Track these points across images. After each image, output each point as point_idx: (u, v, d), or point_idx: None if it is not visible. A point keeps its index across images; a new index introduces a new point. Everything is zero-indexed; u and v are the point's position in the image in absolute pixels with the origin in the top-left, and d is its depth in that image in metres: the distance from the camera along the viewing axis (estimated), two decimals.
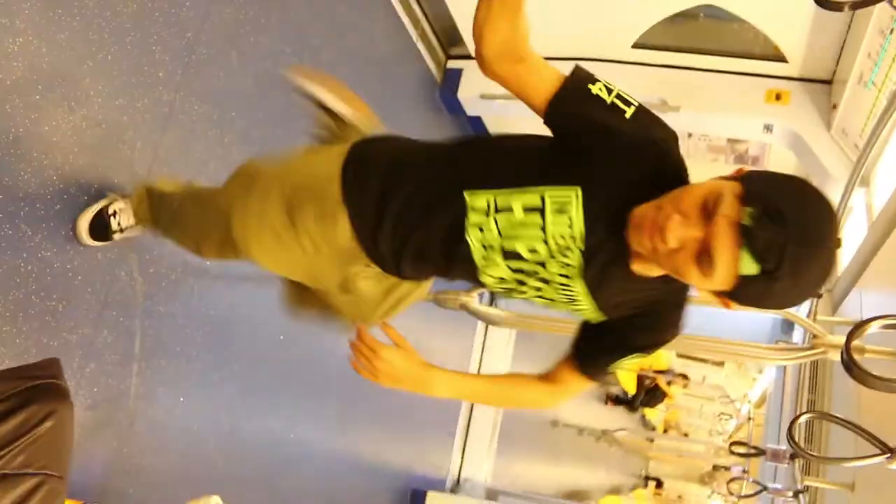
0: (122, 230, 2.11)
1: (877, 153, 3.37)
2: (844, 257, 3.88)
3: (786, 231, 1.01)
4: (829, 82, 3.80)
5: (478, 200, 1.29)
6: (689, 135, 4.54)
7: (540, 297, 1.38)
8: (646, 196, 1.17)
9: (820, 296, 3.41)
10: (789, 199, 1.04)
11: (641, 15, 3.95)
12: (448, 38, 4.57)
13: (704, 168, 4.73)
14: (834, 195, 3.72)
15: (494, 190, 1.28)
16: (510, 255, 1.30)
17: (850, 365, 0.97)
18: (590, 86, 1.24)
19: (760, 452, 3.56)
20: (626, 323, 1.35)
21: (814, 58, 3.72)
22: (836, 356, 2.51)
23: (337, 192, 1.43)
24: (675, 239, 1.09)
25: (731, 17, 3.71)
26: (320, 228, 1.46)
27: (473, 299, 3.13)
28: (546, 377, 1.50)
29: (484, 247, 1.31)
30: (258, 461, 3.05)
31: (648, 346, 1.38)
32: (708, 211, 1.08)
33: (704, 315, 5.17)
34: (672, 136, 1.27)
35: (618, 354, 1.39)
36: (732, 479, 6.47)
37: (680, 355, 12.51)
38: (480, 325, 5.65)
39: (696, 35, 4.10)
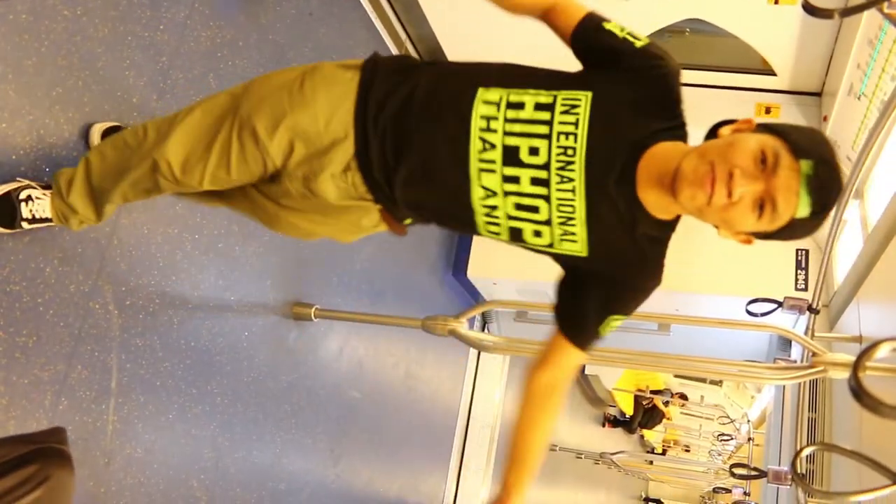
0: (32, 220, 1.85)
1: (870, 165, 3.33)
2: (840, 271, 3.82)
3: (834, 178, 1.20)
4: (818, 94, 3.77)
5: (491, 94, 1.37)
6: None
7: (531, 221, 1.39)
8: (647, 114, 1.34)
9: (817, 311, 3.35)
10: (826, 150, 1.22)
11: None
12: (432, 59, 4.53)
13: None
14: None
15: (510, 88, 1.37)
16: (510, 155, 1.34)
17: (859, 393, 0.89)
18: (604, 23, 1.41)
19: (762, 474, 3.46)
20: (606, 280, 1.41)
21: (802, 70, 3.68)
22: (836, 374, 2.45)
23: (354, 77, 1.48)
24: (741, 195, 1.20)
25: (718, 32, 3.67)
26: (327, 97, 1.47)
27: (462, 325, 3.06)
28: (542, 365, 1.48)
29: (484, 144, 1.35)
30: (244, 497, 2.95)
31: (630, 303, 1.43)
32: (764, 163, 1.20)
33: (701, 334, 5.10)
34: (675, 68, 1.38)
35: (602, 314, 1.42)
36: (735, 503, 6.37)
37: (677, 375, 12.44)
38: (473, 350, 5.57)
39: (684, 50, 4.07)
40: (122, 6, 2.19)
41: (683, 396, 12.46)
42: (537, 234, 1.40)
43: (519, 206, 1.37)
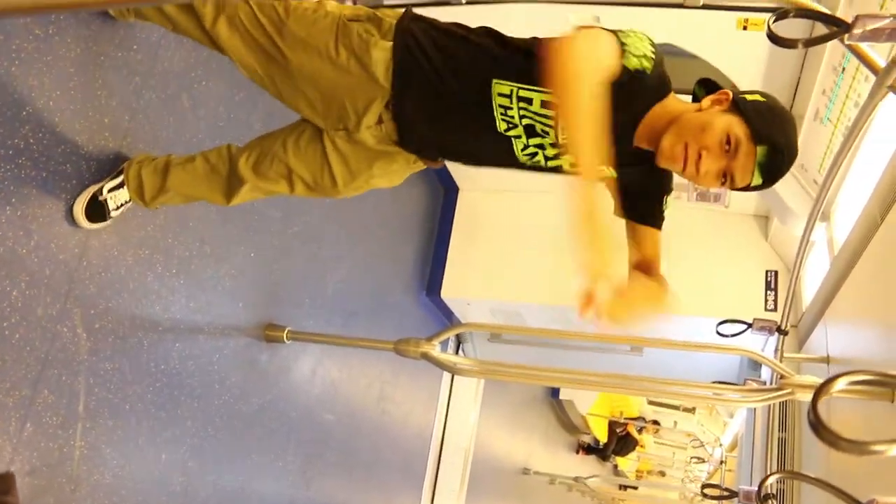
0: (118, 207, 2.17)
1: (835, 188, 3.39)
2: (808, 292, 3.88)
3: (783, 158, 1.53)
4: None
5: (503, 87, 1.62)
6: None
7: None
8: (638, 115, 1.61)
9: (786, 332, 3.39)
10: (783, 132, 1.53)
11: None
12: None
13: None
14: (795, 230, 3.73)
15: (519, 84, 1.61)
16: (530, 131, 1.66)
17: (818, 428, 0.91)
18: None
19: (732, 494, 3.48)
20: (646, 180, 1.72)
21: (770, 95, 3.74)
22: (803, 397, 2.47)
23: (390, 24, 1.70)
24: (706, 171, 1.54)
25: (687, 55, 3.73)
26: (362, 50, 1.67)
27: (434, 348, 3.05)
28: (639, 260, 1.75)
29: (508, 124, 1.66)
30: None
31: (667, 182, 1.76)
32: (728, 146, 1.52)
33: (675, 355, 5.12)
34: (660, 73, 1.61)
35: (660, 196, 1.75)
36: None
37: (651, 402, 12.48)
38: (446, 374, 5.56)
39: None
40: (94, 26, 2.17)
41: (657, 423, 12.50)
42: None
43: (553, 155, 1.69)
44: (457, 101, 1.68)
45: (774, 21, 1.79)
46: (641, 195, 1.76)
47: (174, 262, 2.57)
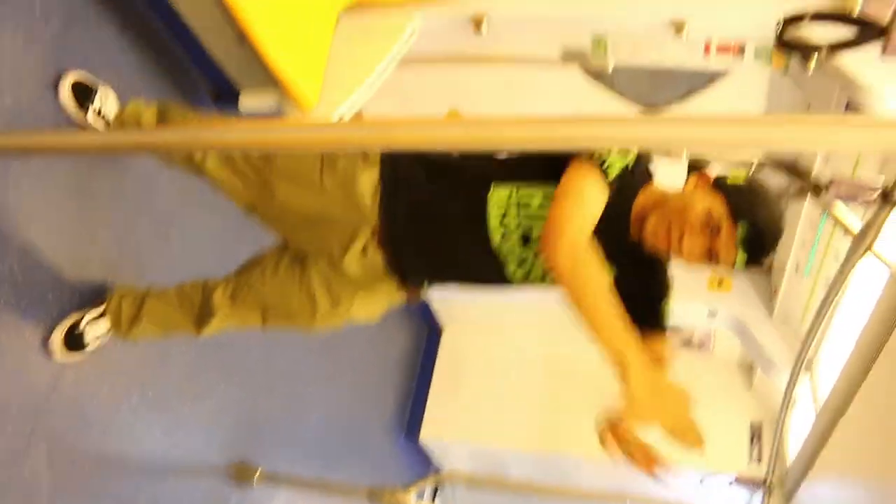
0: (97, 339, 2.15)
1: (818, 342, 3.41)
2: (794, 446, 3.81)
3: (764, 235, 1.55)
4: (768, 271, 3.90)
5: (501, 191, 1.64)
6: None
7: None
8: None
9: (771, 489, 3.31)
10: (763, 208, 1.56)
11: None
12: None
13: None
14: (778, 381, 3.71)
15: (519, 182, 1.64)
16: (526, 238, 1.65)
17: None
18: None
19: None
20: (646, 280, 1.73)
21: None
22: None
23: (376, 154, 1.72)
24: (690, 251, 1.56)
25: None
26: (348, 179, 1.69)
27: (411, 498, 2.95)
28: None
29: (503, 233, 1.66)
30: None
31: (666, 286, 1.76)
32: (709, 225, 1.54)
33: None
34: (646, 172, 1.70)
35: (661, 296, 1.75)
36: None
37: None
38: None
39: None
40: (91, 157, 2.21)
41: None
42: None
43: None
44: (448, 218, 1.70)
45: (753, 173, 1.87)
46: (642, 297, 1.71)
47: (150, 397, 2.51)
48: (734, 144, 0.94)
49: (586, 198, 1.54)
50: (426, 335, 5.32)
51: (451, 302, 5.00)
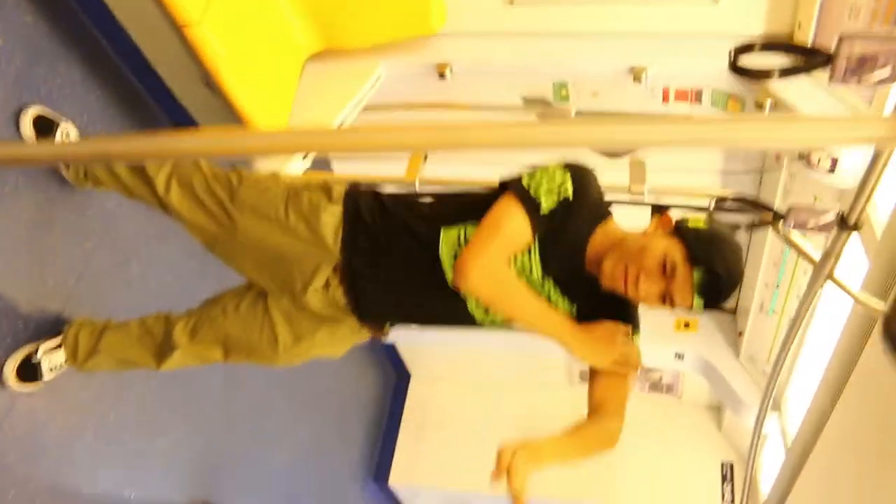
0: (52, 370, 2.11)
1: (784, 378, 3.42)
2: (765, 484, 3.79)
3: (721, 281, 1.52)
4: (733, 312, 3.93)
5: (451, 232, 1.65)
6: None
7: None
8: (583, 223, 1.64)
9: None
10: (721, 257, 1.53)
11: None
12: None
13: None
14: (747, 421, 3.71)
15: (466, 224, 1.64)
16: None
17: None
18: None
19: None
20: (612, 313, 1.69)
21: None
22: None
23: (340, 192, 1.75)
24: (646, 293, 1.54)
25: None
26: (312, 214, 1.71)
27: None
28: (594, 413, 1.66)
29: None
30: None
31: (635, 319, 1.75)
32: (665, 268, 1.52)
33: None
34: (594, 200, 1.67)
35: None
36: None
37: None
38: None
39: None
40: (52, 191, 2.19)
41: None
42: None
43: None
44: (406, 258, 1.70)
45: (714, 209, 1.89)
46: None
47: (106, 432, 2.44)
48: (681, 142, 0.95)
49: (505, 229, 1.57)
50: (394, 380, 5.28)
51: (417, 348, 4.99)
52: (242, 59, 2.22)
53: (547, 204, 1.57)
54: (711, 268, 1.51)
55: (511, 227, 1.56)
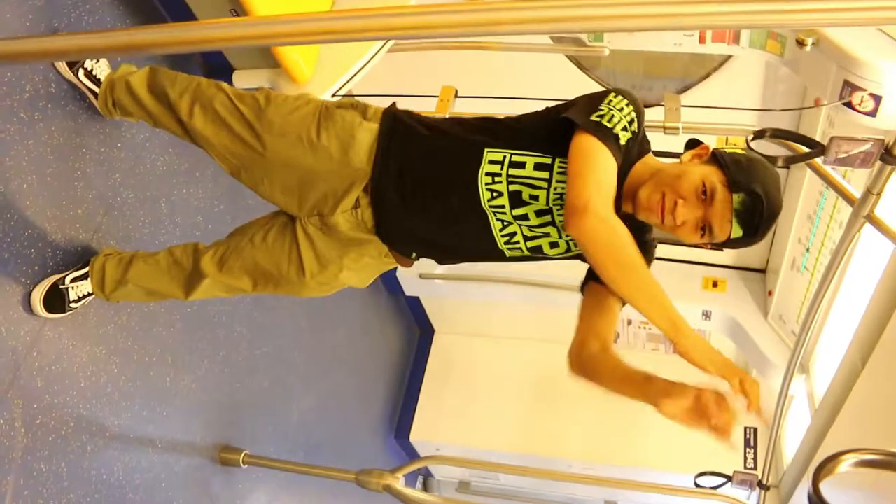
0: (79, 300, 2.11)
1: (813, 339, 3.36)
2: (789, 449, 3.75)
3: (762, 206, 1.46)
4: (763, 271, 3.87)
5: (495, 154, 1.61)
6: (629, 321, 4.52)
7: (545, 238, 1.65)
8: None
9: (767, 488, 3.24)
10: (761, 182, 1.48)
11: None
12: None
13: (645, 356, 4.68)
14: (774, 382, 3.66)
15: (513, 149, 1.61)
16: (515, 199, 1.60)
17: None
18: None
19: None
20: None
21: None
22: None
23: (376, 110, 1.74)
24: (683, 220, 1.50)
25: None
26: (346, 132, 1.69)
27: (399, 480, 2.88)
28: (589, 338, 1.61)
29: (492, 193, 1.60)
30: None
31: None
32: (704, 194, 1.48)
33: None
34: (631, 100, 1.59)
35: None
36: None
37: None
38: None
39: None
40: (81, 119, 2.18)
41: None
42: (553, 245, 1.66)
43: (532, 232, 1.64)
44: (441, 177, 1.67)
45: (753, 139, 1.83)
46: None
47: (131, 366, 2.45)
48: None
49: (603, 167, 1.50)
50: (418, 336, 5.28)
51: (442, 302, 4.98)
52: None
53: (623, 140, 1.53)
54: (752, 191, 1.46)
55: (609, 166, 1.50)
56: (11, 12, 1.93)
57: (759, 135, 1.80)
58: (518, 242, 1.68)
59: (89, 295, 2.14)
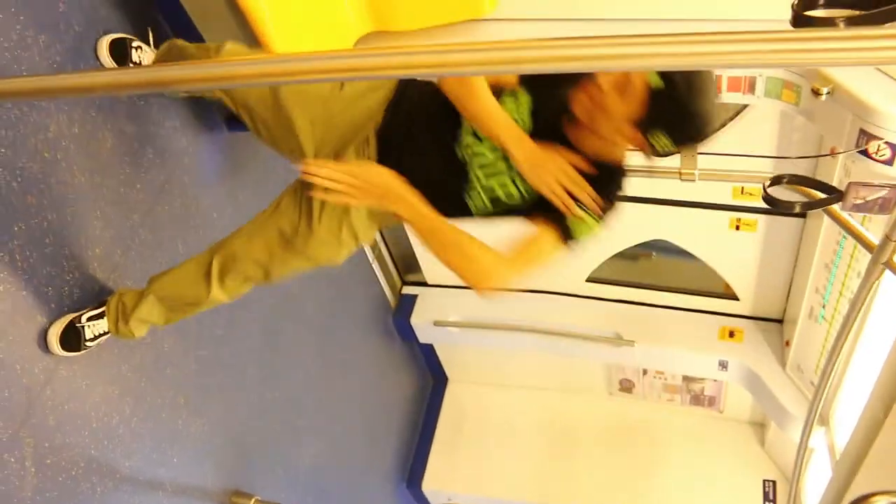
0: (95, 338, 2.12)
1: (833, 390, 3.31)
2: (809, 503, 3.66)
3: (677, 78, 1.52)
4: (780, 321, 3.83)
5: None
6: (644, 372, 4.46)
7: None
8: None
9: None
10: (683, 76, 1.53)
11: (595, 249, 4.03)
12: (405, 264, 4.60)
13: (660, 407, 4.62)
14: (792, 434, 3.59)
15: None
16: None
17: None
18: None
19: None
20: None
21: (764, 296, 3.78)
22: None
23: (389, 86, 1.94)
24: (606, 82, 1.57)
25: (683, 256, 3.79)
26: (368, 87, 1.93)
27: None
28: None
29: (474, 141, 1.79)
30: None
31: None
32: (626, 82, 1.56)
33: None
34: None
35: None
36: None
37: None
38: None
39: (651, 272, 4.18)
40: (102, 158, 2.22)
41: None
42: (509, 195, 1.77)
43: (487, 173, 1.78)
44: (433, 122, 1.86)
45: (770, 185, 1.83)
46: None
47: (144, 407, 2.44)
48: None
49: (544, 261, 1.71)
50: (431, 385, 5.24)
51: (456, 350, 4.95)
52: (292, 35, 2.23)
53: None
54: (670, 78, 1.53)
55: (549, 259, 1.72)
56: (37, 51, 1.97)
57: (776, 181, 1.80)
58: (481, 192, 1.81)
59: (105, 334, 2.14)
